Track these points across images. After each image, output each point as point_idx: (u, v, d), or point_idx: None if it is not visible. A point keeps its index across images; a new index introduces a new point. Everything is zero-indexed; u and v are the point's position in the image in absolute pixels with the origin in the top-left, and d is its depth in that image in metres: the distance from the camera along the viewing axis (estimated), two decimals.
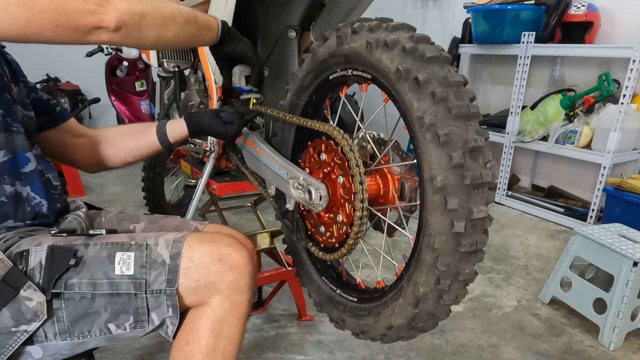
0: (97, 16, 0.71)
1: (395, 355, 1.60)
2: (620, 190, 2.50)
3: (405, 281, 0.76)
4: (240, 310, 0.83)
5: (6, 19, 0.66)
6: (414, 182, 0.84)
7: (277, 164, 1.01)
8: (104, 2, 0.72)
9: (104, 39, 0.75)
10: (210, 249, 0.81)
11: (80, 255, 0.78)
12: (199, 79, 1.47)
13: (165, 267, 0.79)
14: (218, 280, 0.80)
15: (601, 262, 1.78)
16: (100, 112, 4.46)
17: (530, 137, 3.01)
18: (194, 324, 0.81)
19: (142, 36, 0.79)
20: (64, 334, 0.78)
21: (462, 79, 0.71)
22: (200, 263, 0.80)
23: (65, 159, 1.09)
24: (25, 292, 0.75)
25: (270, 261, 1.93)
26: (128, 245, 0.81)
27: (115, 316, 0.79)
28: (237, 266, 0.81)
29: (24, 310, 0.74)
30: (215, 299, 0.81)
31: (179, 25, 0.84)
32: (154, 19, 0.79)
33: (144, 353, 1.56)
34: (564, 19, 2.87)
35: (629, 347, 1.71)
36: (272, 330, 1.74)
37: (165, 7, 0.82)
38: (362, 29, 0.80)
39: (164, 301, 0.79)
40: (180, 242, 0.81)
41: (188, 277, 0.79)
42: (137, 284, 0.78)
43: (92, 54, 3.58)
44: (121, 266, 0.78)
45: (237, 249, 0.83)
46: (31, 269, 0.77)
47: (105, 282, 0.77)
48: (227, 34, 0.98)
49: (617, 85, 2.65)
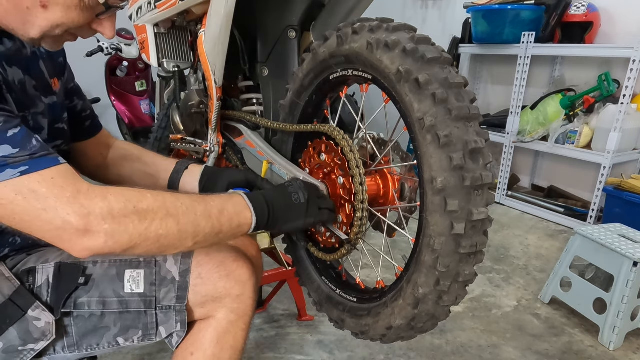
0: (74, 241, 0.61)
1: (395, 355, 1.60)
2: (620, 190, 2.50)
3: (405, 282, 0.76)
4: (245, 321, 0.84)
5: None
6: (414, 183, 0.84)
7: (277, 164, 1.01)
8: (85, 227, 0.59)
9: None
10: (219, 265, 0.81)
11: (89, 273, 0.78)
12: (199, 79, 1.46)
13: (175, 284, 0.79)
14: (225, 295, 0.81)
15: (601, 262, 1.78)
16: (100, 112, 4.46)
17: (530, 137, 3.01)
18: (199, 335, 0.82)
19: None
20: (72, 347, 0.78)
21: (463, 80, 0.71)
22: (209, 280, 0.80)
23: (76, 164, 1.01)
24: (33, 312, 0.74)
25: (270, 261, 1.93)
26: (137, 262, 0.80)
27: (125, 331, 0.79)
28: (242, 281, 0.82)
29: (32, 330, 0.74)
30: (221, 312, 0.82)
31: (202, 237, 0.70)
32: (151, 243, 0.65)
33: (144, 353, 1.56)
34: (564, 19, 2.87)
35: (629, 347, 1.71)
36: (272, 330, 1.74)
37: (175, 227, 0.66)
38: (362, 29, 0.79)
39: (173, 317, 0.80)
40: (189, 258, 0.81)
41: (196, 293, 0.80)
42: (147, 302, 0.78)
43: (92, 54, 3.57)
44: (131, 284, 0.78)
45: (243, 262, 0.83)
46: (38, 287, 0.76)
47: (116, 301, 0.77)
48: (264, 225, 0.78)
49: (617, 85, 2.65)
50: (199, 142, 1.41)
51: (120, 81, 3.99)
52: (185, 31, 1.56)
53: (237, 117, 1.25)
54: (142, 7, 1.51)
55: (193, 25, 1.46)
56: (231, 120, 1.28)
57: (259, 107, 1.24)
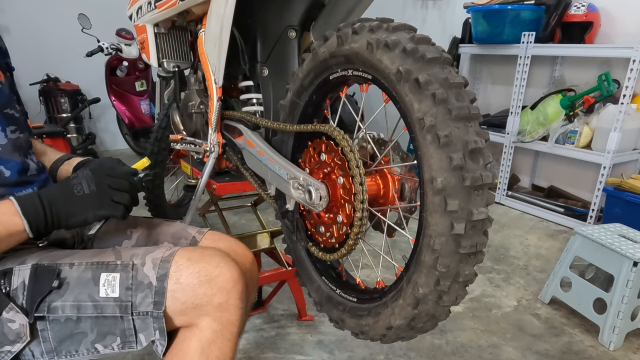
0: None
1: (395, 355, 1.60)
2: (620, 190, 2.50)
3: (405, 282, 0.76)
4: (231, 331, 0.80)
5: None
6: (414, 183, 0.84)
7: (277, 164, 1.01)
8: None
9: None
10: (199, 270, 0.77)
11: (63, 276, 0.76)
12: (199, 79, 1.47)
13: (151, 289, 0.76)
14: (206, 302, 0.77)
15: (601, 262, 1.78)
16: (100, 112, 4.46)
17: (530, 137, 3.01)
18: (183, 344, 0.79)
19: None
20: (50, 353, 0.77)
21: (463, 80, 0.71)
22: (188, 285, 0.77)
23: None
24: (7, 314, 0.73)
25: (270, 261, 1.93)
26: (114, 265, 0.78)
27: (102, 337, 0.77)
28: (225, 287, 0.78)
29: (6, 331, 0.73)
30: (204, 321, 0.78)
31: None
32: None
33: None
34: (564, 19, 2.87)
35: (629, 347, 1.71)
36: (272, 330, 1.74)
37: None
38: (362, 29, 0.80)
39: (151, 323, 0.77)
40: (168, 262, 0.78)
41: (175, 300, 0.77)
42: (122, 307, 0.76)
43: (92, 54, 3.57)
44: (106, 288, 0.76)
45: (227, 268, 0.79)
46: (14, 289, 0.75)
47: (90, 305, 0.75)
48: (43, 226, 0.76)
49: (617, 85, 2.65)
50: (199, 142, 1.41)
51: (120, 81, 3.99)
52: (185, 31, 1.57)
53: (237, 117, 1.25)
54: (142, 7, 1.51)
55: (193, 25, 1.46)
56: (231, 120, 1.29)
57: (259, 107, 1.24)
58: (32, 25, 3.86)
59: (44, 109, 3.91)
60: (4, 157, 0.84)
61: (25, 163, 0.88)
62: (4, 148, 0.84)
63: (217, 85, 1.22)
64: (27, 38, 3.90)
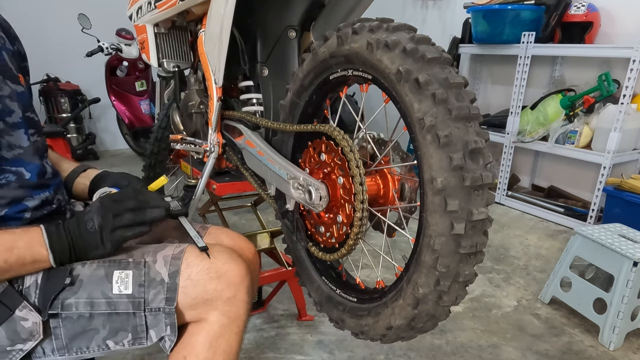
0: None
1: (395, 355, 1.60)
2: (620, 190, 2.50)
3: (405, 282, 0.76)
4: (238, 325, 0.83)
5: None
6: (414, 183, 0.84)
7: (277, 164, 1.01)
8: None
9: None
10: (209, 266, 0.80)
11: (76, 274, 0.77)
12: (199, 79, 1.46)
13: (164, 285, 0.79)
14: (215, 297, 0.80)
15: (601, 262, 1.78)
16: (100, 112, 4.46)
17: (530, 137, 3.01)
18: (191, 338, 0.81)
19: None
20: (62, 350, 0.78)
21: (463, 80, 0.71)
22: (199, 281, 0.79)
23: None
24: (20, 312, 0.74)
25: (270, 261, 1.93)
26: (126, 262, 0.80)
27: (114, 334, 0.78)
28: (234, 282, 0.81)
29: (19, 330, 0.74)
30: (212, 315, 0.81)
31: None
32: None
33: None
34: (564, 19, 2.87)
35: (629, 347, 1.71)
36: (272, 330, 1.74)
37: None
38: (362, 29, 0.80)
39: (163, 319, 0.79)
40: (179, 260, 0.81)
41: (186, 295, 0.79)
42: (135, 303, 0.78)
43: (92, 54, 3.57)
44: (119, 285, 0.78)
45: (235, 264, 0.82)
46: (27, 287, 0.76)
47: (104, 302, 0.77)
48: (67, 259, 0.78)
49: (617, 85, 2.65)
50: (199, 142, 1.41)
51: (120, 81, 4.00)
52: (185, 31, 1.57)
53: (237, 117, 1.25)
54: (142, 7, 1.51)
55: (193, 25, 1.46)
56: (231, 120, 1.28)
57: (259, 107, 1.24)
58: (32, 25, 3.86)
59: (44, 109, 3.92)
60: (26, 160, 0.84)
61: (44, 166, 0.89)
62: (25, 151, 0.85)
63: (217, 85, 1.22)
64: (27, 38, 3.89)
